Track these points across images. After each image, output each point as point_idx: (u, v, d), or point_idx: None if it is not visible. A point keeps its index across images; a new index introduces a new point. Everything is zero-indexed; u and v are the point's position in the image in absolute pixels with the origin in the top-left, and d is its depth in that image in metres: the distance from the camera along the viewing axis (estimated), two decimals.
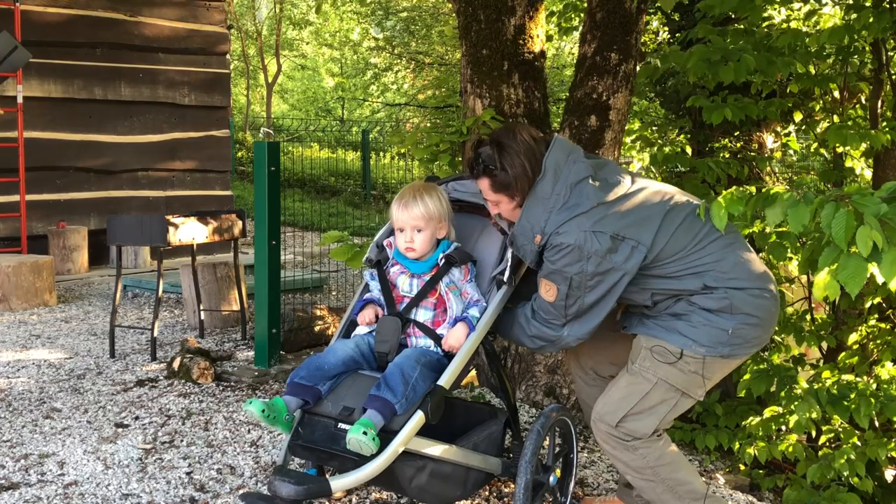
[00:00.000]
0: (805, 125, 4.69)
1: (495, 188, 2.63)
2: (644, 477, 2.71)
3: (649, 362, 2.64)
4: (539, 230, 2.56)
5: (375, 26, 20.53)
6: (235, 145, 16.59)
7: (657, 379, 2.62)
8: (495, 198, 2.65)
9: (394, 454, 2.35)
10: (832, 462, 3.30)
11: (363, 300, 2.77)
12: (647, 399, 2.64)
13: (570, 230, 2.51)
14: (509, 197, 2.63)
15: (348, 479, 2.32)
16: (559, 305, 2.58)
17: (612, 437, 2.69)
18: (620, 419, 2.65)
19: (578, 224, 2.51)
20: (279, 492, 2.25)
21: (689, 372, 2.61)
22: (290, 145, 18.77)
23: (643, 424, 2.66)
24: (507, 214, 2.70)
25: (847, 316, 4.09)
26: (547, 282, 2.58)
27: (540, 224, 2.56)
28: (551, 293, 2.57)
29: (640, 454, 2.69)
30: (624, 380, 2.70)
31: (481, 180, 2.65)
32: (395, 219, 2.71)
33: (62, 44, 8.38)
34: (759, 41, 4.09)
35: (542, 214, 2.56)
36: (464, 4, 4.21)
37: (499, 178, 2.60)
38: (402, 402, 2.38)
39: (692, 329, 2.59)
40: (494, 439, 2.77)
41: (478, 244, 2.87)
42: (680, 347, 2.59)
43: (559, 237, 2.52)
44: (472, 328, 2.61)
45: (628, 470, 2.74)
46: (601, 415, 2.70)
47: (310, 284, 7.54)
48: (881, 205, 2.29)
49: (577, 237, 2.50)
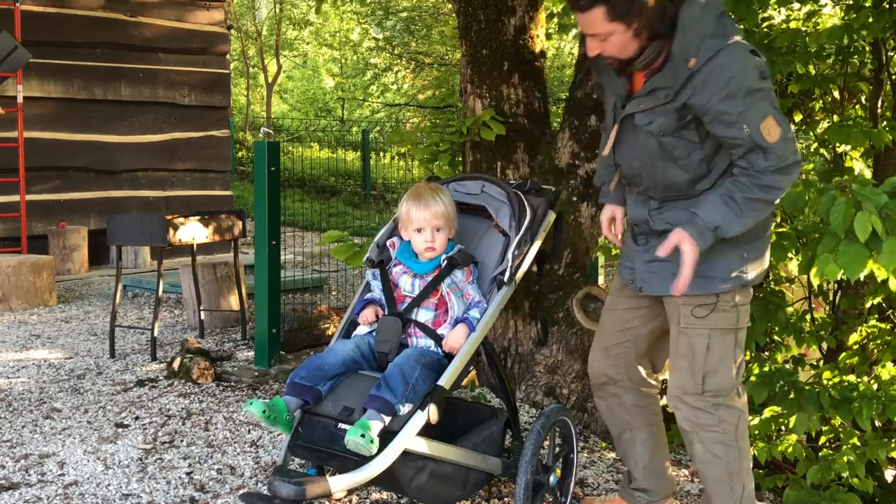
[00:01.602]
0: (805, 125, 4.68)
1: (611, 16, 2.36)
2: (727, 450, 2.63)
3: (693, 318, 2.59)
4: (693, 52, 2.36)
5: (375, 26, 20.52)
6: (235, 145, 16.58)
7: (708, 330, 2.58)
8: (608, 28, 2.39)
9: (394, 454, 2.34)
10: (832, 463, 3.29)
11: (364, 300, 2.76)
12: (713, 352, 2.58)
13: (733, 59, 2.34)
14: (627, 25, 2.38)
15: (348, 479, 2.32)
16: (785, 133, 2.37)
17: (701, 408, 2.61)
18: (702, 382, 2.60)
19: (740, 48, 2.37)
20: (279, 492, 2.25)
21: (730, 308, 2.58)
22: (290, 145, 18.77)
23: (723, 377, 2.60)
24: (618, 49, 2.44)
25: (847, 316, 4.09)
26: (763, 125, 2.33)
27: (690, 47, 2.36)
28: (773, 130, 2.35)
29: (731, 416, 2.62)
30: (680, 345, 2.63)
31: (593, 10, 2.37)
32: (414, 218, 2.68)
33: (62, 44, 8.38)
34: (759, 41, 4.09)
35: (694, 38, 2.36)
36: (464, 4, 4.21)
37: (619, 3, 2.35)
38: (402, 403, 2.38)
39: (710, 268, 2.53)
40: (494, 439, 2.76)
41: (479, 246, 2.87)
42: (712, 293, 2.55)
43: (726, 71, 2.33)
44: (472, 329, 2.61)
45: (714, 447, 2.63)
46: (683, 389, 2.63)
47: (310, 284, 7.54)
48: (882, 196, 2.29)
49: (743, 63, 2.35)
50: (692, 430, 2.67)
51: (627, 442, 2.94)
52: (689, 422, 2.66)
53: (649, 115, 2.50)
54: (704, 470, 2.70)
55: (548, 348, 4.08)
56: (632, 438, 2.92)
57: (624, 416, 2.91)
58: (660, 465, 2.97)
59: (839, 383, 3.51)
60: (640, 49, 2.45)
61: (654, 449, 2.94)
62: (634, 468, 2.95)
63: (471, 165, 4.19)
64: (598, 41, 2.44)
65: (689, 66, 2.36)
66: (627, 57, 2.47)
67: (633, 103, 2.54)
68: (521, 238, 2.72)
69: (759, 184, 2.40)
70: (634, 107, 2.53)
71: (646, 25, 2.39)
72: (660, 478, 2.97)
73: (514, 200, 2.80)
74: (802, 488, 3.38)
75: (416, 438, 2.40)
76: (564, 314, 4.04)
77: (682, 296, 2.54)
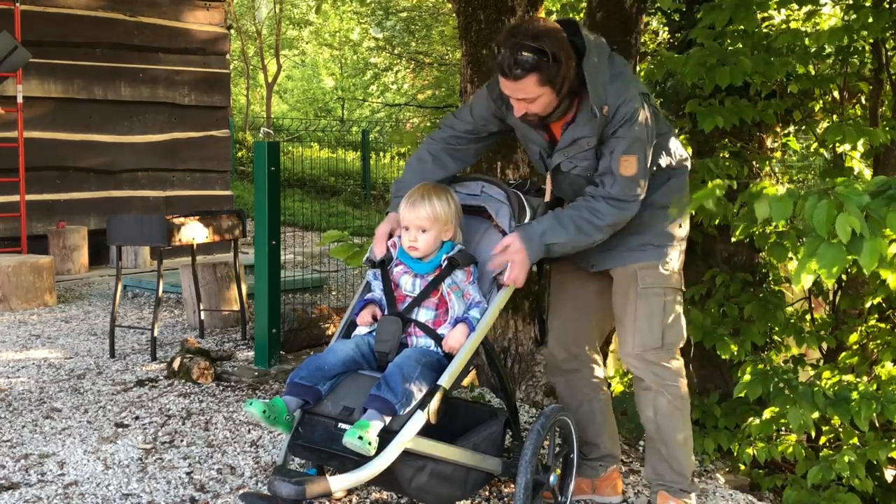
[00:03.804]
0: (805, 125, 4.69)
1: (542, 81, 2.60)
2: (681, 406, 2.91)
3: (649, 279, 2.86)
4: (603, 101, 2.64)
5: (375, 26, 20.52)
6: (235, 145, 16.58)
7: (663, 288, 2.87)
8: (538, 92, 2.62)
9: (394, 454, 2.34)
10: (832, 464, 3.30)
11: (363, 300, 2.77)
12: (668, 308, 2.87)
13: (630, 96, 2.65)
14: (553, 88, 2.62)
15: (348, 478, 2.32)
16: (641, 175, 2.69)
17: (661, 362, 2.87)
18: (662, 336, 2.84)
19: (635, 87, 2.69)
20: (279, 492, 2.25)
21: (672, 270, 2.90)
22: (290, 145, 18.76)
23: (677, 331, 2.91)
24: (543, 108, 2.69)
25: (847, 316, 4.09)
26: (626, 157, 2.65)
27: (601, 97, 2.64)
28: (631, 167, 2.66)
29: (681, 369, 2.91)
30: (638, 307, 2.87)
31: (525, 78, 2.59)
32: (402, 217, 2.71)
33: (62, 44, 8.37)
34: (758, 42, 4.09)
35: (599, 88, 2.63)
36: (464, 4, 4.21)
37: (548, 70, 2.58)
38: (402, 402, 2.38)
39: (644, 237, 2.85)
40: (494, 439, 2.77)
41: (479, 246, 2.87)
42: (654, 260, 2.86)
43: (626, 106, 2.64)
44: (472, 329, 2.61)
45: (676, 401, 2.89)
46: (643, 346, 2.87)
47: (310, 284, 7.54)
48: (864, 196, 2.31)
49: (637, 100, 2.65)
50: (656, 387, 2.89)
51: (587, 414, 3.13)
52: (652, 377, 2.89)
53: (573, 160, 2.80)
54: (669, 423, 2.91)
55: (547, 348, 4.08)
56: (591, 410, 3.13)
57: (584, 389, 3.13)
58: (615, 430, 3.23)
59: (837, 383, 3.52)
60: (559, 105, 2.71)
61: (610, 415, 3.19)
62: (599, 436, 3.15)
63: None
64: (526, 104, 2.68)
65: (604, 112, 2.65)
66: (548, 113, 2.73)
67: (559, 154, 2.81)
68: None
69: (589, 205, 2.70)
70: (560, 157, 2.81)
71: (567, 85, 2.64)
72: (616, 441, 3.24)
73: (514, 200, 2.82)
74: (802, 488, 3.38)
75: (416, 438, 2.40)
76: None
77: (638, 263, 2.86)
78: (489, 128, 2.98)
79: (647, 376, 2.90)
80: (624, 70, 2.73)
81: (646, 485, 3.35)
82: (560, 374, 3.17)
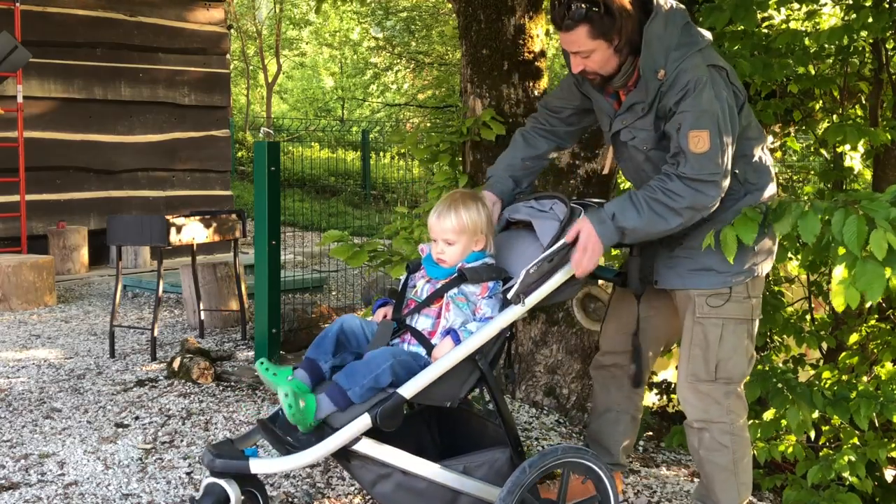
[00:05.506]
0: (805, 125, 4.68)
1: (594, 34, 2.49)
2: (734, 439, 2.74)
3: (707, 308, 2.68)
4: (661, 64, 2.49)
5: (375, 26, 20.53)
6: (235, 145, 16.59)
7: (722, 320, 2.68)
8: (591, 45, 2.51)
9: (322, 452, 2.31)
10: (832, 463, 3.29)
11: (381, 300, 2.74)
12: (726, 341, 2.68)
13: (694, 64, 2.47)
14: (608, 42, 2.50)
15: (270, 463, 2.36)
16: (716, 151, 2.45)
17: (712, 396, 2.71)
18: (715, 369, 2.69)
19: (705, 58, 2.50)
20: (202, 460, 2.37)
21: (743, 300, 2.69)
22: (290, 145, 18.77)
23: (735, 365, 2.71)
24: (600, 64, 2.56)
25: (847, 316, 4.09)
26: (695, 132, 2.44)
27: (657, 60, 2.49)
28: (703, 142, 2.44)
29: (738, 407, 2.74)
30: (693, 334, 2.71)
31: (577, 29, 2.48)
32: (430, 227, 2.63)
33: (62, 44, 8.38)
34: (758, 42, 4.09)
35: (660, 51, 2.49)
36: (464, 4, 4.21)
37: (601, 22, 2.47)
38: (356, 393, 2.34)
39: (708, 259, 2.64)
40: (499, 468, 2.52)
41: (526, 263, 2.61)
42: (725, 286, 2.66)
43: (687, 74, 2.46)
44: (456, 342, 2.45)
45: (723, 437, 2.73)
46: (696, 376, 2.72)
47: (310, 284, 7.54)
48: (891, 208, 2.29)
49: (703, 70, 2.47)
50: (701, 421, 2.75)
51: (610, 421, 3.05)
52: (698, 412, 2.74)
53: (632, 130, 2.65)
54: (712, 458, 2.77)
55: (548, 348, 4.09)
56: (616, 419, 3.04)
57: (617, 397, 3.03)
58: (632, 446, 3.17)
59: (836, 382, 3.51)
60: (619, 65, 2.57)
61: (634, 434, 3.11)
62: (614, 445, 3.07)
63: (471, 165, 4.19)
64: (581, 58, 2.56)
65: (659, 77, 2.50)
66: (608, 73, 2.59)
67: (618, 120, 2.68)
68: (544, 257, 2.54)
69: (663, 186, 2.49)
70: (619, 124, 2.68)
71: (626, 42, 2.52)
72: (628, 456, 3.19)
73: (567, 219, 2.62)
74: (802, 488, 3.38)
75: (371, 443, 2.33)
76: (564, 314, 4.04)
77: (697, 289, 2.67)
78: (573, 102, 2.89)
79: (692, 411, 2.75)
80: (698, 41, 2.54)
81: (646, 485, 3.35)
82: (599, 369, 3.07)
